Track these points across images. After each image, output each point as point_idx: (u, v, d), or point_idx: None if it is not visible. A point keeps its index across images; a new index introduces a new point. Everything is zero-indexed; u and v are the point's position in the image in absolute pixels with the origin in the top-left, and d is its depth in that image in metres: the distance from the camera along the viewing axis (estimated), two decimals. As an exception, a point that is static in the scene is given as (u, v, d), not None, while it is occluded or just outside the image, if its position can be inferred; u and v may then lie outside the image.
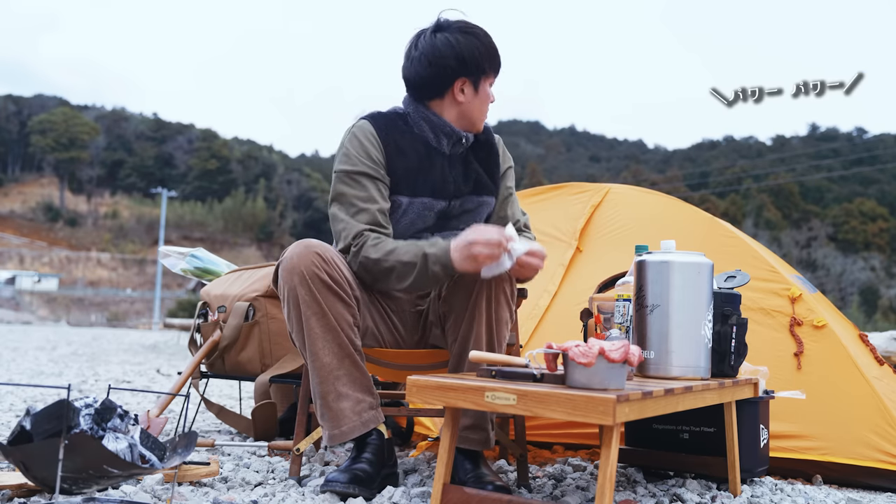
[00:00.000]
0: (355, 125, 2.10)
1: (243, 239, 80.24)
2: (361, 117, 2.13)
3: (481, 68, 2.08)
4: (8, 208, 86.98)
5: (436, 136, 2.11)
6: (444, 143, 2.11)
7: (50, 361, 7.90)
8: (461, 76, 2.07)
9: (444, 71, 2.06)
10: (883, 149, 70.65)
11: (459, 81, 2.08)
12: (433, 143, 2.11)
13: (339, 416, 1.90)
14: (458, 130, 2.11)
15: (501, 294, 1.91)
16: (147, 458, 1.71)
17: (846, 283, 52.87)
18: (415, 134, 2.10)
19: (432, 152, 2.10)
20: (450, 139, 2.11)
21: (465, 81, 2.08)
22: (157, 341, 14.90)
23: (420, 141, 2.10)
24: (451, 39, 2.05)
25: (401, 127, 2.11)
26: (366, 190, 2.02)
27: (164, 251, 3.60)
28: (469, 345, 1.91)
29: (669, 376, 1.77)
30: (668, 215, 3.00)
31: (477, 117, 2.13)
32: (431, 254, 1.90)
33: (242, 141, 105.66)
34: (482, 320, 1.90)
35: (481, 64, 2.07)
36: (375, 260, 1.95)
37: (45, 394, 4.35)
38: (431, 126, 2.10)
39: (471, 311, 1.91)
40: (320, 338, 1.89)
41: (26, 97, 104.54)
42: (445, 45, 2.05)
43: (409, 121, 2.12)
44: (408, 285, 1.95)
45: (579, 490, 2.06)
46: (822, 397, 2.35)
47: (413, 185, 2.06)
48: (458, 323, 1.94)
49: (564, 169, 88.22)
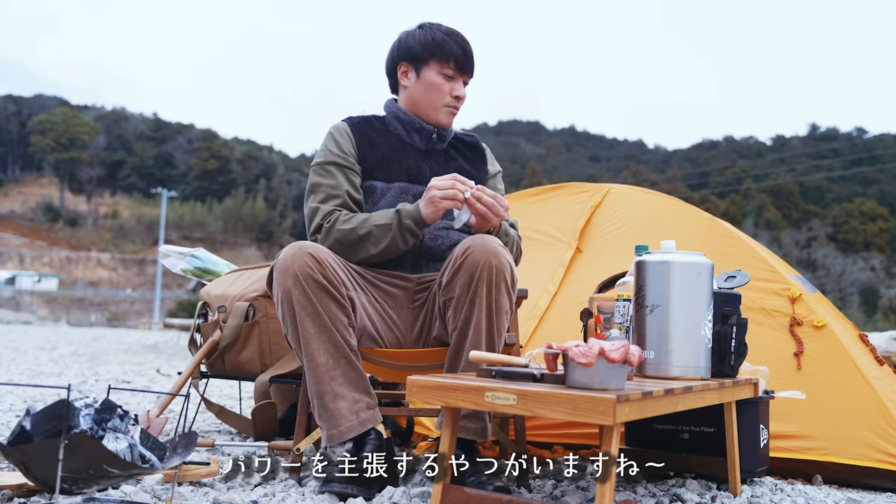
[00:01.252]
0: (332, 126, 2.27)
1: (243, 239, 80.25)
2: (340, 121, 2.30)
3: (420, 54, 2.21)
4: (8, 208, 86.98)
5: (407, 132, 2.26)
6: (416, 139, 2.26)
7: (50, 361, 7.90)
8: (402, 60, 2.25)
9: (390, 57, 2.28)
10: (883, 149, 70.66)
11: (402, 66, 2.25)
12: (406, 138, 2.26)
13: (336, 416, 1.90)
14: (427, 126, 2.25)
15: (502, 282, 1.91)
16: (147, 458, 1.70)
17: (846, 283, 52.87)
18: (389, 131, 2.27)
19: (406, 146, 2.26)
20: (421, 135, 2.26)
21: (407, 66, 2.25)
22: (157, 341, 14.90)
23: (393, 136, 2.26)
24: (404, 32, 2.27)
25: (375, 126, 2.28)
26: (335, 178, 2.17)
27: (164, 251, 3.60)
28: (469, 331, 1.91)
29: (669, 376, 1.77)
30: (667, 215, 3.00)
31: (426, 105, 2.23)
32: (403, 209, 2.04)
33: (242, 141, 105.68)
34: (482, 306, 1.90)
35: (421, 50, 2.21)
36: (349, 230, 2.07)
37: (45, 394, 4.35)
38: (402, 123, 2.26)
39: (471, 298, 1.91)
40: (315, 338, 1.89)
41: (26, 97, 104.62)
42: (399, 36, 2.27)
43: (385, 121, 2.29)
44: (383, 248, 2.06)
45: (579, 490, 2.06)
46: (822, 397, 2.35)
47: (387, 170, 2.20)
48: (458, 309, 1.94)
49: (564, 169, 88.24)
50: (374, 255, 2.09)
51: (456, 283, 1.93)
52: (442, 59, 2.20)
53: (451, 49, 2.20)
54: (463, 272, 1.91)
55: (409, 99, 2.25)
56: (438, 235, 2.19)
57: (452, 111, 2.26)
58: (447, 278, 1.95)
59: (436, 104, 2.23)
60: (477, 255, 1.88)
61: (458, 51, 2.21)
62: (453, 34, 2.23)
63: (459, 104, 2.26)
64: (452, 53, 2.20)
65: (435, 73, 2.21)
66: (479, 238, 1.91)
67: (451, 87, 2.22)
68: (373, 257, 2.10)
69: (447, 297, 1.97)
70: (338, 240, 2.07)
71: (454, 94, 2.23)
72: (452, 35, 2.23)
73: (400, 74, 2.26)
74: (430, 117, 2.24)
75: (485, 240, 1.91)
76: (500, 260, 1.89)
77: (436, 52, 2.20)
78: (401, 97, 2.28)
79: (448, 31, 2.23)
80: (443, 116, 2.25)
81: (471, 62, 2.25)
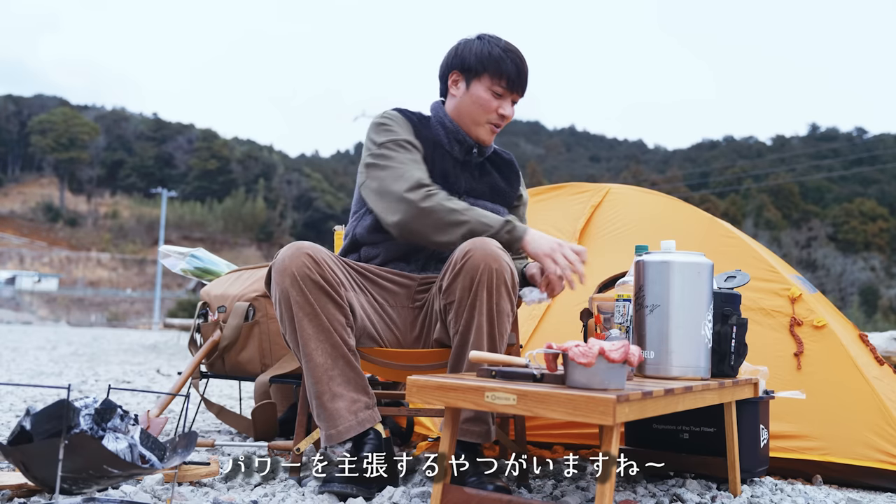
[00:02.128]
0: (385, 113, 2.21)
1: (243, 239, 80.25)
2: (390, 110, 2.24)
3: (474, 66, 2.15)
4: (8, 208, 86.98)
5: (448, 140, 2.21)
6: (455, 149, 2.22)
7: (50, 361, 7.90)
8: (455, 69, 2.20)
9: (445, 62, 2.23)
10: (883, 149, 70.67)
11: (454, 74, 2.20)
12: (446, 146, 2.21)
13: (334, 416, 1.90)
14: (469, 139, 2.20)
15: (503, 285, 1.91)
16: (147, 458, 1.70)
17: (846, 283, 52.87)
18: (431, 134, 2.21)
19: (444, 153, 2.21)
20: (461, 146, 2.21)
21: (458, 76, 2.19)
22: (157, 341, 14.90)
23: (433, 140, 2.21)
24: (463, 40, 2.22)
25: (420, 123, 2.23)
26: (416, 155, 2.13)
27: (164, 251, 3.60)
28: (470, 335, 1.91)
29: (669, 376, 1.77)
30: (667, 215, 3.00)
31: (468, 118, 2.19)
32: (512, 223, 2.00)
33: (242, 141, 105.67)
34: (483, 310, 1.90)
35: (475, 62, 2.15)
36: (451, 209, 1.99)
37: (45, 394, 4.35)
38: (446, 130, 2.21)
39: (471, 301, 1.91)
40: (313, 338, 1.90)
41: (26, 97, 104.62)
42: (458, 43, 2.22)
43: (430, 122, 2.24)
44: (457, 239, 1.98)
45: (579, 490, 2.06)
46: (822, 397, 2.35)
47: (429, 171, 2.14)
48: (459, 313, 1.94)
49: (564, 169, 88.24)
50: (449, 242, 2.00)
51: (456, 286, 1.93)
52: (495, 75, 2.13)
53: (506, 66, 2.13)
54: (463, 276, 1.91)
55: (455, 108, 2.20)
56: None
57: (494, 129, 2.20)
58: (447, 282, 1.95)
59: (479, 119, 2.17)
60: (477, 258, 1.88)
61: (512, 69, 2.14)
62: (511, 51, 2.16)
63: (503, 123, 2.21)
64: (506, 71, 2.13)
65: (485, 88, 2.15)
66: (478, 241, 1.91)
67: (499, 105, 2.16)
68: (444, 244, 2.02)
69: (447, 301, 1.97)
70: (433, 210, 1.99)
71: (500, 113, 2.17)
72: (510, 52, 2.15)
73: (450, 82, 2.21)
74: (470, 131, 2.20)
75: (485, 243, 1.90)
76: (500, 263, 1.89)
77: (490, 67, 2.13)
78: (448, 104, 2.23)
79: (506, 48, 2.16)
80: (483, 133, 2.19)
81: (524, 82, 2.18)
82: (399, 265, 2.17)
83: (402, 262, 2.17)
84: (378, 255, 2.18)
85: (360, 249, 2.22)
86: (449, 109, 2.22)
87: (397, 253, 2.17)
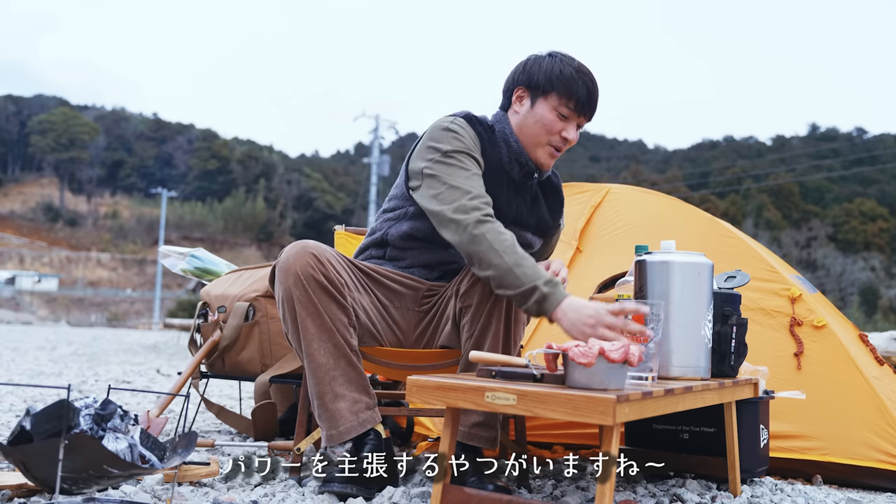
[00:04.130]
0: (456, 120, 2.04)
1: (243, 239, 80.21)
2: (460, 116, 2.08)
3: (542, 84, 2.03)
4: (8, 208, 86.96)
5: (509, 160, 2.10)
6: (514, 170, 2.11)
7: (50, 361, 7.90)
8: (521, 85, 2.08)
9: (511, 77, 2.11)
10: (883, 149, 70.67)
11: (519, 90, 2.08)
12: (505, 166, 2.10)
13: (335, 417, 1.90)
14: (531, 163, 2.09)
15: None
16: (147, 459, 1.70)
17: (846, 283, 52.84)
18: (495, 153, 2.09)
19: (503, 174, 2.09)
20: (521, 168, 2.10)
21: (524, 92, 2.07)
22: (157, 341, 14.90)
23: (494, 157, 2.08)
24: (533, 55, 2.10)
25: (488, 140, 2.08)
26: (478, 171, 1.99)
27: (164, 251, 3.60)
28: (486, 340, 1.91)
29: (669, 376, 1.77)
30: (667, 215, 3.00)
31: (528, 139, 2.07)
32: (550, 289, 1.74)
33: (242, 141, 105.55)
34: (501, 317, 1.91)
35: (544, 80, 2.03)
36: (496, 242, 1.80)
37: (45, 394, 4.35)
38: (509, 149, 2.09)
39: (489, 307, 1.91)
40: (315, 338, 1.89)
41: (26, 97, 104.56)
42: (527, 57, 2.10)
43: (494, 136, 2.11)
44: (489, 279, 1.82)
45: (579, 490, 2.06)
46: (822, 397, 2.35)
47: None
48: (475, 318, 1.94)
49: (564, 169, 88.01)
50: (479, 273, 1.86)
51: (475, 291, 1.93)
52: (564, 95, 2.01)
53: (577, 88, 2.01)
54: (482, 283, 1.91)
55: (517, 126, 2.08)
56: None
57: (555, 153, 2.08)
58: (466, 286, 1.95)
59: (540, 140, 2.06)
60: None
61: (583, 91, 2.02)
62: (584, 73, 2.04)
63: (565, 147, 2.08)
64: (576, 93, 2.01)
65: (550, 108, 2.02)
66: None
67: (563, 128, 2.04)
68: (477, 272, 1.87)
69: (464, 305, 1.96)
70: (482, 237, 1.82)
71: (563, 136, 2.05)
72: (582, 73, 2.04)
73: (515, 98, 2.09)
74: (530, 152, 2.08)
75: None
76: None
77: (558, 87, 2.01)
78: (511, 117, 2.10)
79: (579, 68, 2.04)
80: (542, 155, 2.08)
81: (593, 106, 2.06)
82: (419, 271, 2.15)
83: (425, 270, 2.15)
84: (405, 260, 2.14)
85: (387, 249, 2.17)
86: (511, 121, 2.10)
87: (423, 262, 2.14)
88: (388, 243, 2.15)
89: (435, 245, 2.09)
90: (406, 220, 2.10)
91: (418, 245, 2.11)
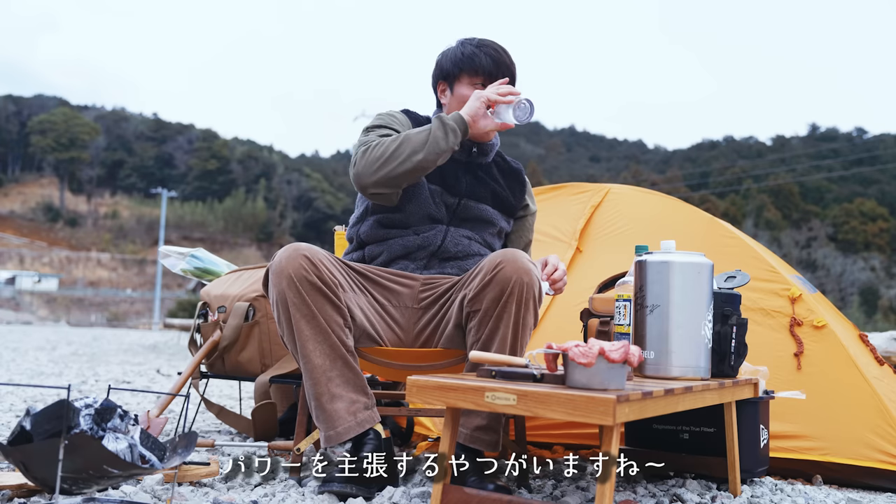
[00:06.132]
0: (389, 110, 2.26)
1: (243, 239, 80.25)
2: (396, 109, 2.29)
3: (451, 71, 2.22)
4: (8, 208, 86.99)
5: None
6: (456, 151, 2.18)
7: (50, 361, 7.90)
8: (439, 80, 2.28)
9: (432, 77, 2.31)
10: (883, 149, 70.70)
11: (440, 84, 2.28)
12: None
13: (333, 417, 1.90)
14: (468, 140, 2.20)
15: (531, 300, 1.91)
16: (147, 459, 1.70)
17: (846, 283, 52.85)
18: None
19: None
20: (461, 147, 2.21)
21: (444, 84, 2.27)
22: (157, 341, 14.91)
23: None
24: (442, 52, 2.27)
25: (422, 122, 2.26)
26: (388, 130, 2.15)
27: (164, 251, 3.60)
28: (493, 346, 1.92)
29: (669, 376, 1.77)
30: (667, 215, 3.00)
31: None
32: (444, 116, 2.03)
33: (242, 141, 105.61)
34: (510, 322, 1.91)
35: (451, 66, 2.22)
36: (388, 143, 2.02)
37: (45, 394, 4.35)
38: None
39: (498, 313, 1.91)
40: (311, 340, 1.90)
41: (26, 97, 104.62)
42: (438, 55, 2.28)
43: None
44: (423, 156, 2.00)
45: (579, 490, 2.06)
46: (822, 397, 2.35)
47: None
48: (483, 322, 1.94)
49: (564, 169, 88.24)
50: (419, 161, 2.01)
51: (485, 296, 1.93)
52: (470, 72, 2.19)
53: (480, 61, 2.18)
54: (493, 286, 1.91)
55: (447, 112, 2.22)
56: (460, 241, 2.19)
57: None
58: (475, 291, 1.95)
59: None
60: (509, 271, 1.88)
61: (487, 62, 2.17)
62: (484, 45, 2.20)
63: None
64: (481, 65, 2.17)
65: (466, 86, 2.19)
66: (510, 253, 1.91)
67: None
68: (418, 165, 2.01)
69: (473, 309, 1.97)
70: (376, 156, 2.02)
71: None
72: (483, 46, 2.19)
73: (439, 94, 2.28)
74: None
75: (516, 256, 1.90)
76: (531, 277, 1.89)
77: (465, 67, 2.19)
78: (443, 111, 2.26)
79: (479, 43, 2.20)
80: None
81: (503, 69, 2.19)
82: (403, 263, 2.17)
83: (407, 261, 2.17)
84: (382, 253, 2.18)
85: (365, 248, 2.23)
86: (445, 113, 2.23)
87: (401, 251, 2.17)
88: (364, 242, 2.23)
89: (406, 231, 2.18)
90: (370, 216, 2.21)
91: (390, 234, 2.18)
